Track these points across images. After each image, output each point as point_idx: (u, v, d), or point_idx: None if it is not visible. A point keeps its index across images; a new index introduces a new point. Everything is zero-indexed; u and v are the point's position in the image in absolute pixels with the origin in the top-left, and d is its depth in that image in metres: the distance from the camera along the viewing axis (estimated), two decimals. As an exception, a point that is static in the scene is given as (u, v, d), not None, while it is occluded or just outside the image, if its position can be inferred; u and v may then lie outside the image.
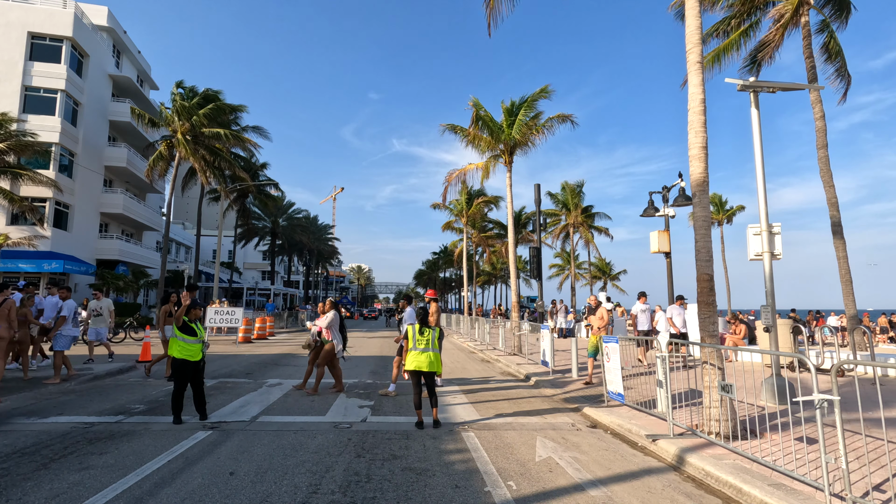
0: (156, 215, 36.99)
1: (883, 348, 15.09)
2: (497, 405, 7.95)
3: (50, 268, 24.80)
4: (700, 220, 6.22)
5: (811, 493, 3.97)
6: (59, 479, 4.31)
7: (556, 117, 16.73)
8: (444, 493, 4.15)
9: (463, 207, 34.86)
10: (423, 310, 6.87)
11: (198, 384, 6.62)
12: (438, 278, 74.86)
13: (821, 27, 14.29)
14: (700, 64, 6.39)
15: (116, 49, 33.67)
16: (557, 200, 40.49)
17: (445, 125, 18.07)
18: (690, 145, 6.31)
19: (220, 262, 28.67)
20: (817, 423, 3.96)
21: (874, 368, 4.49)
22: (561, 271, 54.36)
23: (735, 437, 5.43)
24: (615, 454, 5.43)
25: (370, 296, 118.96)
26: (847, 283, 12.37)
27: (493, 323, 19.05)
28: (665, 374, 6.18)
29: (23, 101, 26.14)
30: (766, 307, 8.31)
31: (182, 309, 6.68)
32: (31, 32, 26.62)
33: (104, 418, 6.61)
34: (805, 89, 10.73)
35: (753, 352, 5.50)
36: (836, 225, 12.66)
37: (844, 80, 14.53)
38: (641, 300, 12.90)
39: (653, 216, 13.94)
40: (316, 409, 7.35)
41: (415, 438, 5.86)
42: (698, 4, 6.55)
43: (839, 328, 19.64)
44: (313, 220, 59.58)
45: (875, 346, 14.47)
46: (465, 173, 19.42)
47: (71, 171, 27.59)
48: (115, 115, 31.46)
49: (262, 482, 4.32)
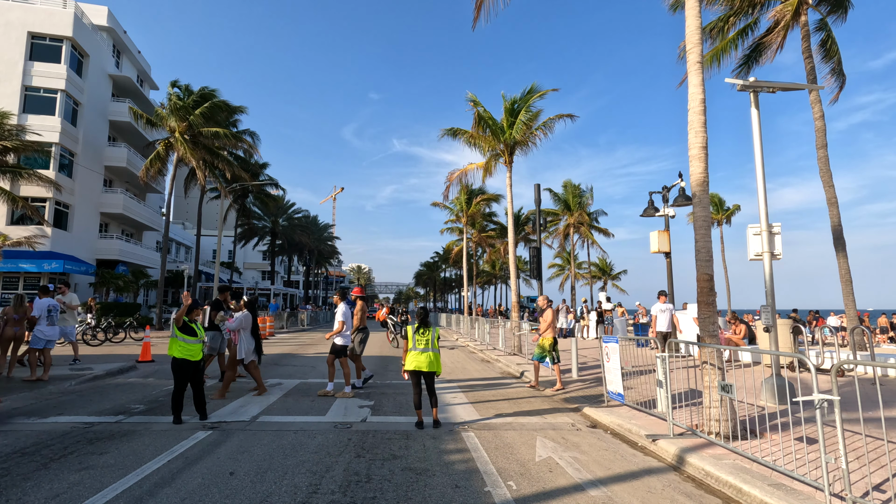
0: (156, 215, 36.99)
1: (883, 348, 15.08)
2: (497, 405, 7.95)
3: (50, 268, 24.80)
4: (700, 220, 6.22)
5: (811, 493, 3.97)
6: (59, 479, 4.32)
7: (557, 117, 16.76)
8: (444, 493, 4.15)
9: (463, 207, 34.85)
10: (423, 309, 6.87)
11: (198, 384, 6.62)
12: (438, 278, 74.86)
13: (819, 26, 14.28)
14: (700, 64, 6.39)
15: (116, 49, 33.68)
16: (559, 199, 40.44)
17: (445, 130, 18.19)
18: (690, 145, 6.31)
19: (220, 262, 28.65)
20: (817, 423, 3.96)
21: (874, 368, 4.49)
22: (561, 271, 54.34)
23: (735, 437, 5.43)
24: (615, 454, 5.43)
25: (370, 296, 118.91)
26: (847, 283, 12.36)
27: (493, 323, 19.05)
28: (665, 374, 6.18)
29: (23, 101, 26.14)
30: (766, 307, 8.31)
31: (182, 309, 6.69)
32: (31, 32, 26.62)
33: (104, 418, 6.61)
34: (805, 89, 10.73)
35: (753, 352, 5.50)
36: (835, 225, 12.65)
37: (839, 80, 14.54)
38: (662, 299, 12.26)
39: (653, 216, 13.93)
40: (316, 409, 7.35)
41: (415, 438, 5.86)
42: (698, 4, 6.55)
43: (839, 328, 19.63)
44: (313, 220, 59.58)
45: (875, 346, 14.48)
46: (465, 173, 19.54)
47: (71, 171, 27.59)
48: (115, 115, 31.46)
49: (262, 482, 4.32)
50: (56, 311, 10.03)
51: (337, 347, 8.51)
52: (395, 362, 13.44)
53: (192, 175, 30.21)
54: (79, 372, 10.10)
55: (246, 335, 8.30)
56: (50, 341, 9.75)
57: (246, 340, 8.29)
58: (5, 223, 25.03)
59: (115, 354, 13.53)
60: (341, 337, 8.52)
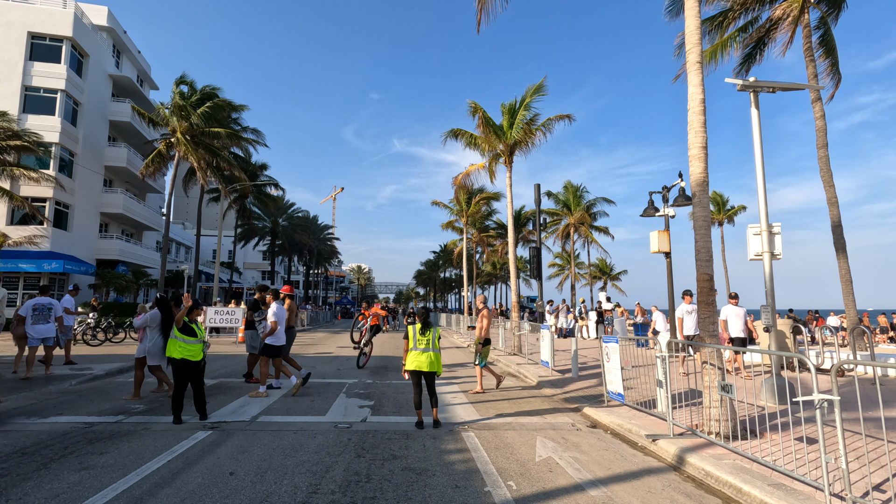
0: (156, 215, 37.00)
1: (883, 348, 15.08)
2: (497, 405, 7.95)
3: (50, 268, 24.81)
4: (700, 220, 6.22)
5: (811, 493, 3.97)
6: (59, 479, 4.32)
7: (556, 118, 16.78)
8: (444, 493, 4.15)
9: (462, 206, 34.86)
10: (424, 309, 6.88)
11: (198, 384, 6.62)
12: (438, 278, 74.83)
13: (818, 24, 14.29)
14: (699, 64, 6.39)
15: (116, 49, 33.67)
16: (558, 200, 40.42)
17: (447, 133, 18.60)
18: (690, 145, 6.31)
19: (220, 262, 28.66)
20: (817, 423, 3.96)
21: (874, 368, 4.49)
22: (561, 271, 54.31)
23: (735, 437, 5.43)
24: (615, 454, 5.43)
25: (370, 296, 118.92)
26: (847, 283, 12.36)
27: (494, 323, 19.05)
28: (665, 374, 6.19)
29: (23, 101, 26.14)
30: (766, 307, 8.31)
31: (183, 310, 6.68)
32: (31, 32, 26.63)
33: (104, 418, 6.61)
34: (804, 89, 10.73)
35: (753, 352, 5.50)
36: (836, 225, 12.65)
37: (835, 79, 14.56)
38: (687, 300, 10.82)
39: (653, 216, 13.93)
40: (316, 409, 7.35)
41: (415, 438, 5.86)
42: (698, 4, 6.55)
43: (839, 328, 19.63)
44: (313, 220, 59.54)
45: (875, 346, 14.47)
46: (468, 175, 19.74)
47: (71, 171, 27.59)
48: (115, 115, 31.47)
49: (262, 482, 4.32)
50: (43, 310, 9.98)
51: (268, 348, 8.40)
52: (395, 362, 13.44)
53: (191, 174, 30.21)
54: (79, 372, 10.10)
55: (152, 334, 7.99)
56: (48, 338, 9.87)
57: (150, 339, 7.97)
58: (5, 223, 25.03)
59: (115, 354, 13.53)
60: (274, 337, 8.39)
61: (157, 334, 7.97)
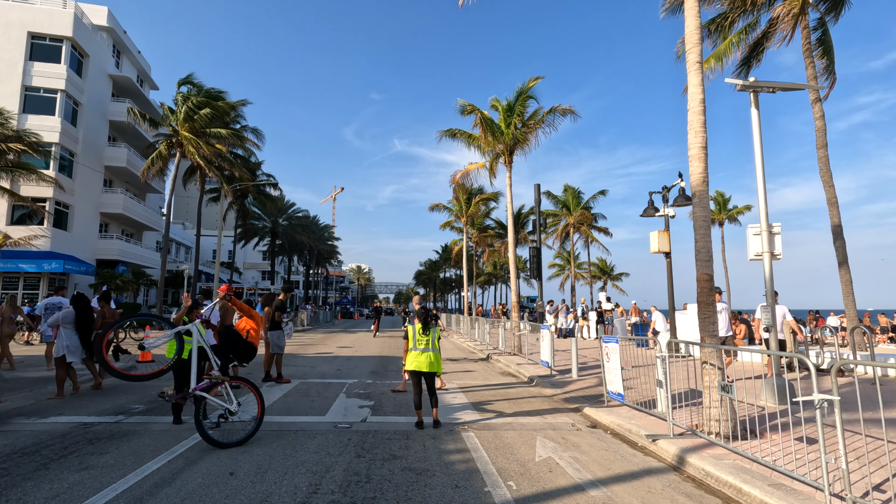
0: (156, 215, 37.01)
1: (883, 348, 15.09)
2: (497, 405, 7.95)
3: (50, 268, 24.82)
4: (700, 220, 6.22)
5: (811, 493, 3.97)
6: (59, 479, 4.32)
7: (553, 111, 16.65)
8: (444, 493, 4.15)
9: (462, 206, 34.84)
10: (424, 309, 6.88)
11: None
12: (438, 278, 74.86)
13: (816, 24, 14.30)
14: (699, 64, 6.39)
15: (116, 49, 33.69)
16: (558, 201, 40.41)
17: (443, 132, 18.27)
18: (690, 145, 6.31)
19: (220, 262, 28.65)
20: (817, 423, 3.96)
21: (874, 368, 4.49)
22: (561, 271, 54.32)
23: (735, 437, 5.43)
24: (615, 454, 5.43)
25: (370, 296, 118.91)
26: (847, 283, 12.36)
27: (493, 323, 19.05)
28: (665, 374, 6.19)
29: (23, 101, 26.15)
30: (765, 307, 8.31)
31: (183, 310, 6.68)
32: (31, 32, 26.64)
33: (104, 418, 6.61)
34: (804, 89, 10.73)
35: (753, 352, 5.50)
36: (836, 225, 12.65)
37: (830, 80, 14.59)
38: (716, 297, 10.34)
39: (653, 216, 13.92)
40: (316, 409, 7.35)
41: (415, 438, 5.86)
42: (697, 4, 6.55)
43: (839, 328, 19.64)
44: (313, 220, 59.55)
45: (875, 346, 14.47)
46: (467, 174, 19.68)
47: (71, 171, 27.61)
48: (115, 115, 31.46)
49: (262, 482, 4.32)
50: (54, 308, 10.49)
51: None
52: (395, 362, 13.44)
53: (189, 172, 30.19)
54: (78, 372, 10.08)
55: (67, 332, 8.02)
56: None
57: (66, 337, 8.01)
58: (5, 223, 25.03)
59: (115, 354, 13.50)
60: None
61: (72, 332, 8.09)
